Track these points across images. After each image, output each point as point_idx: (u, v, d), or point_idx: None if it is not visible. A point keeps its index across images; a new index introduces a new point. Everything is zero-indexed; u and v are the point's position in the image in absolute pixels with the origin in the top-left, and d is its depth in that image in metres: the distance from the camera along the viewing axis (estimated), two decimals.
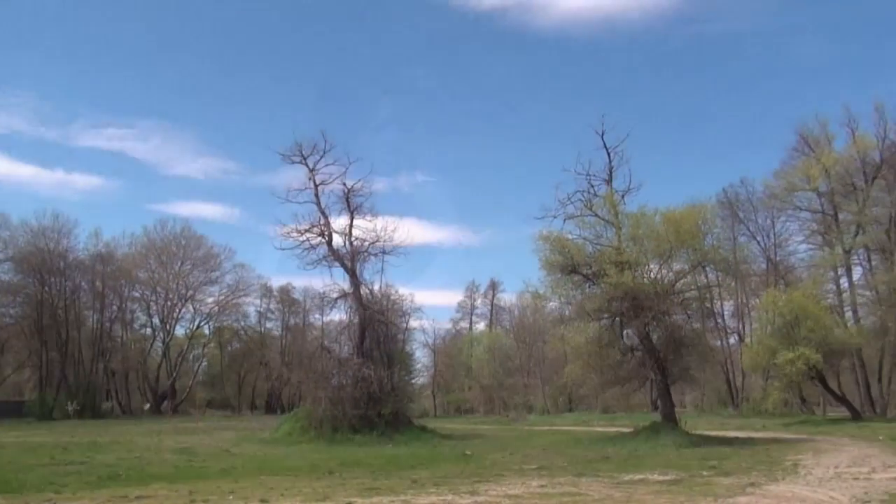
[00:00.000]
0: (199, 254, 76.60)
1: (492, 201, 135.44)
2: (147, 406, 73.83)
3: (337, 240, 35.98)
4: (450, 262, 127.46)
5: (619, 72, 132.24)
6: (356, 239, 35.87)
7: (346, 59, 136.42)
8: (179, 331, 79.89)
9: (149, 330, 79.18)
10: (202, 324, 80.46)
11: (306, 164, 35.96)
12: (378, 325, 35.25)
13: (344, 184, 36.05)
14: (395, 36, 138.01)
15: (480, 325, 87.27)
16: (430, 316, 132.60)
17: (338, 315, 41.06)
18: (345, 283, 35.49)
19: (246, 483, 15.18)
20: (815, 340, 37.91)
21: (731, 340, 59.80)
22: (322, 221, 35.72)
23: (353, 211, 35.96)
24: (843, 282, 48.61)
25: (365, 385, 31.68)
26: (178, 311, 77.25)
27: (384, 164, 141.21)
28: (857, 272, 48.55)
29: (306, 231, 35.41)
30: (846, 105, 53.35)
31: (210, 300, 78.96)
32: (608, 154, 31.18)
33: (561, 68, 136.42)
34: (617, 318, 29.37)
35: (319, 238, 35.49)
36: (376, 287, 37.21)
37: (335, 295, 35.99)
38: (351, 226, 35.93)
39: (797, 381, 40.80)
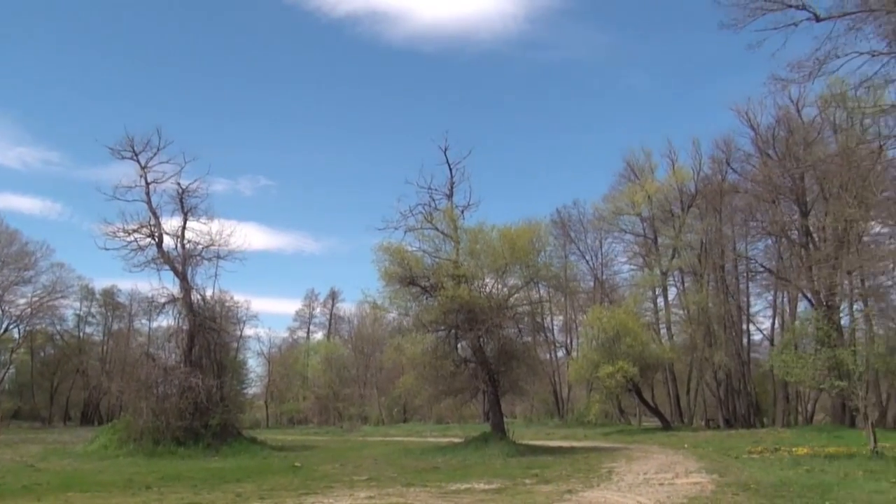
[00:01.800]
0: (10, 250, 69.68)
1: (335, 209, 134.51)
2: None
3: (168, 242, 34.20)
4: (290, 270, 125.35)
5: (465, 90, 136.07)
6: (189, 242, 34.26)
7: (189, 55, 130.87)
8: None
9: None
10: (10, 327, 73.41)
11: (138, 161, 33.96)
12: (209, 333, 33.78)
13: (178, 183, 34.38)
14: (244, 36, 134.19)
15: (318, 335, 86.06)
16: (266, 324, 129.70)
17: (166, 321, 39.00)
18: (174, 288, 33.69)
19: (50, 501, 13.99)
20: (633, 355, 40.60)
21: (560, 354, 62.75)
22: (152, 222, 33.78)
23: (186, 212, 34.34)
24: (660, 301, 52.44)
25: (192, 395, 30.18)
26: None
27: (224, 166, 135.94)
28: (671, 292, 52.55)
29: (134, 231, 33.32)
30: (668, 137, 57.99)
31: (22, 301, 72.21)
32: (450, 169, 32.05)
33: (409, 81, 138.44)
34: (452, 331, 29.90)
35: (149, 239, 33.54)
36: (209, 293, 35.69)
37: (163, 300, 34.04)
38: (184, 228, 34.27)
39: (616, 392, 43.53)
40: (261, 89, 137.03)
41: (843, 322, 35.78)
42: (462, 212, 31.48)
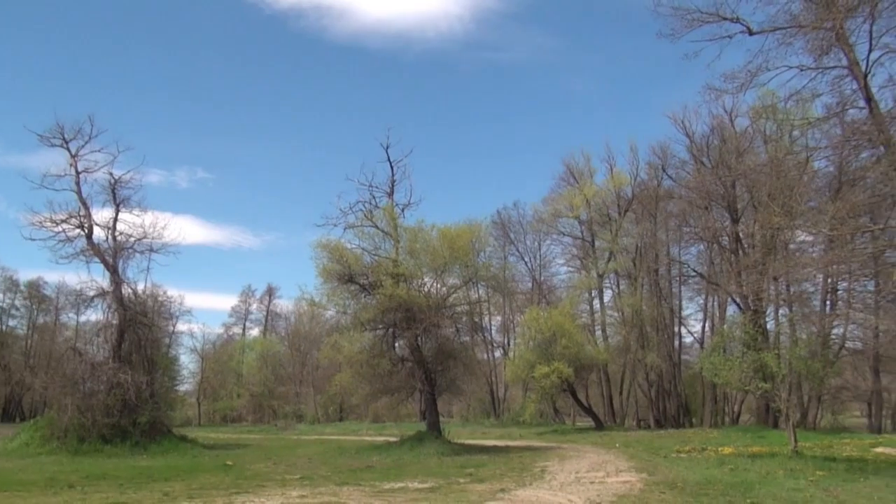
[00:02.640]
0: None
1: (275, 204, 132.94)
2: None
3: (98, 233, 33.18)
4: (227, 265, 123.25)
5: (409, 88, 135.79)
6: (121, 234, 33.33)
7: (127, 44, 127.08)
8: None
9: None
10: None
11: (68, 149, 32.88)
12: (140, 328, 32.92)
13: (111, 173, 33.44)
14: (184, 24, 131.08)
15: (254, 332, 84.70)
16: (201, 320, 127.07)
17: (95, 315, 37.82)
18: (104, 281, 32.72)
19: None
20: (569, 356, 41.21)
21: (497, 354, 63.22)
22: (82, 212, 32.72)
23: (119, 203, 33.40)
24: (596, 303, 53.38)
25: (120, 391, 29.40)
26: None
27: (160, 156, 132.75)
28: (607, 295, 53.56)
29: (63, 221, 32.18)
30: (607, 142, 59.09)
31: None
32: (391, 167, 32.01)
33: (353, 77, 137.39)
34: (390, 329, 29.86)
35: (78, 230, 32.46)
36: (140, 286, 34.78)
37: (92, 293, 32.99)
38: (116, 219, 33.32)
39: (551, 392, 44.07)
40: (200, 80, 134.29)
41: (768, 326, 37.07)
42: (402, 210, 31.52)
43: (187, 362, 73.78)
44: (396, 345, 30.70)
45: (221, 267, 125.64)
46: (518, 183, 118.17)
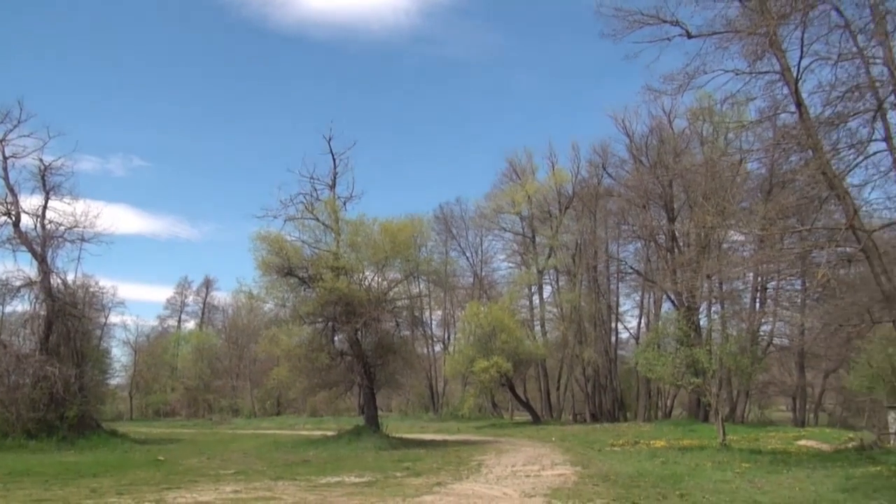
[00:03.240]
0: None
1: (213, 195, 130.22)
2: None
3: (27, 221, 31.94)
4: (163, 255, 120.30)
5: (353, 80, 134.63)
6: (50, 222, 32.14)
7: (63, 27, 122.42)
8: None
9: None
10: None
11: None
12: (69, 319, 31.85)
13: (40, 159, 32.16)
14: (123, 7, 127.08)
15: (190, 324, 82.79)
16: (135, 311, 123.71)
17: (21, 306, 36.30)
18: (32, 270, 31.55)
19: None
20: (508, 351, 41.56)
21: (437, 348, 63.31)
22: (9, 199, 31.44)
23: (48, 191, 32.19)
24: (535, 299, 54.02)
25: (47, 385, 28.36)
26: None
27: (94, 143, 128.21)
28: (546, 291, 54.24)
29: None
30: (550, 140, 59.73)
31: None
32: (334, 159, 31.74)
33: (296, 68, 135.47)
34: (329, 323, 29.65)
35: (4, 217, 31.20)
36: (71, 277, 33.61)
37: (19, 283, 31.72)
38: (45, 207, 32.09)
39: (490, 387, 44.45)
40: (137, 65, 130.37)
41: (701, 323, 38.10)
42: (344, 203, 31.34)
43: (119, 355, 71.68)
44: (336, 338, 30.53)
45: (157, 258, 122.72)
46: (461, 178, 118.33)
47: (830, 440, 25.19)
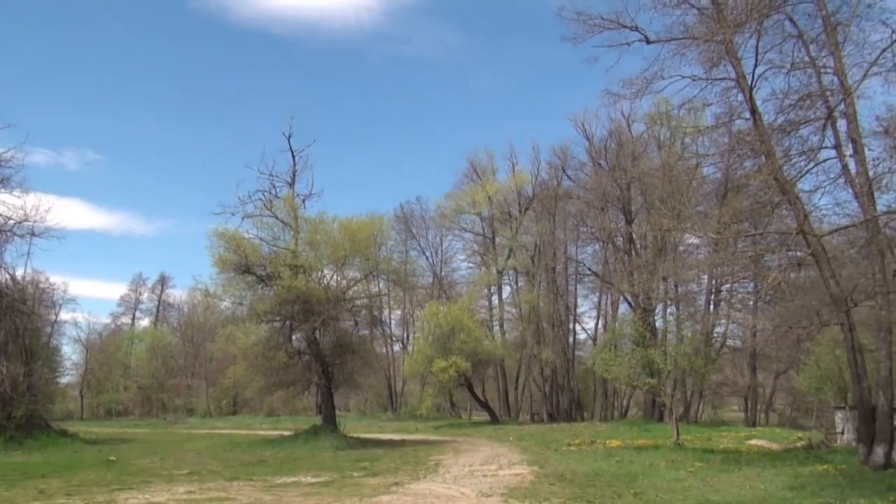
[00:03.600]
0: None
1: (170, 191, 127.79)
2: None
3: None
4: (117, 251, 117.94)
5: (314, 78, 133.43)
6: None
7: (16, 17, 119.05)
8: None
9: None
10: None
11: None
12: (18, 316, 31.03)
13: None
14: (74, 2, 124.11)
15: (145, 322, 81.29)
16: (87, 308, 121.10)
17: None
18: None
19: None
20: (467, 350, 41.67)
21: (396, 348, 63.22)
22: None
23: None
24: (494, 299, 54.26)
25: None
26: None
27: (47, 136, 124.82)
28: (506, 291, 54.56)
29: None
30: (510, 141, 60.03)
31: None
32: (293, 157, 31.50)
33: (256, 63, 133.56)
34: (287, 322, 29.38)
35: None
36: (20, 272, 32.90)
37: None
38: None
39: (449, 387, 44.54)
40: (93, 56, 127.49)
41: (657, 324, 38.72)
42: (303, 201, 31.10)
43: (70, 353, 70.18)
44: (293, 337, 30.27)
45: (111, 254, 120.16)
46: (422, 178, 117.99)
47: (780, 440, 25.77)
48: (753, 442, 25.48)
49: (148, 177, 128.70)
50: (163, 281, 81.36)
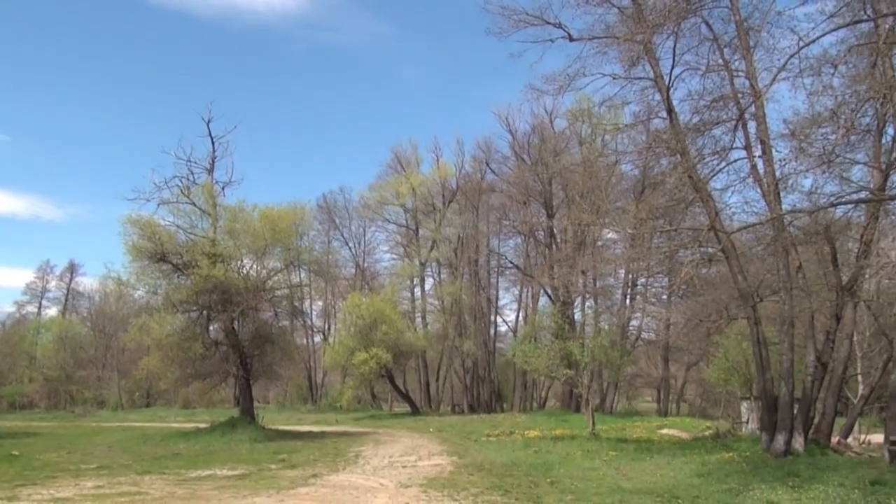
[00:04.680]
0: None
1: (81, 175, 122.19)
2: None
3: None
4: (23, 237, 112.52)
5: (237, 62, 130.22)
6: None
7: None
8: None
9: None
10: None
11: None
12: None
13: None
14: None
15: (52, 311, 77.85)
16: None
17: None
18: None
19: None
20: (389, 342, 41.61)
21: (317, 339, 62.62)
22: None
23: None
24: (417, 291, 54.33)
25: None
26: None
27: None
28: (428, 283, 54.70)
29: None
30: (435, 133, 60.10)
31: None
32: (212, 142, 30.77)
33: (175, 44, 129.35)
34: (204, 311, 28.68)
35: None
36: None
37: None
38: None
39: (370, 378, 44.36)
40: (11, 34, 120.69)
41: (575, 317, 39.60)
42: (223, 188, 30.41)
43: None
44: (211, 328, 29.58)
45: (16, 239, 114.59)
46: (345, 168, 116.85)
47: (690, 429, 26.75)
48: (665, 431, 26.37)
49: (58, 159, 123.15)
50: (72, 268, 78.05)
